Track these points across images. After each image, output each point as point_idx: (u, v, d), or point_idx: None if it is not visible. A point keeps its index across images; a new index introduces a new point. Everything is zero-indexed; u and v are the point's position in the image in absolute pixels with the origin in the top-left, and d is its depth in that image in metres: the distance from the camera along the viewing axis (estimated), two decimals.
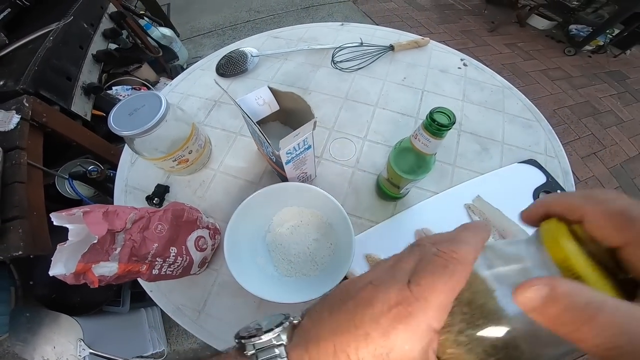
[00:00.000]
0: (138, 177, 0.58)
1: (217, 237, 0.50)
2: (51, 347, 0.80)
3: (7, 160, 0.61)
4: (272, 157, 0.42)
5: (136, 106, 0.43)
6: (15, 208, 0.58)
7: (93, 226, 0.32)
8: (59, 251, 0.33)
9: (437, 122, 0.32)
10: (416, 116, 0.62)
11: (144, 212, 0.38)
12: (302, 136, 0.37)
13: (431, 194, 0.53)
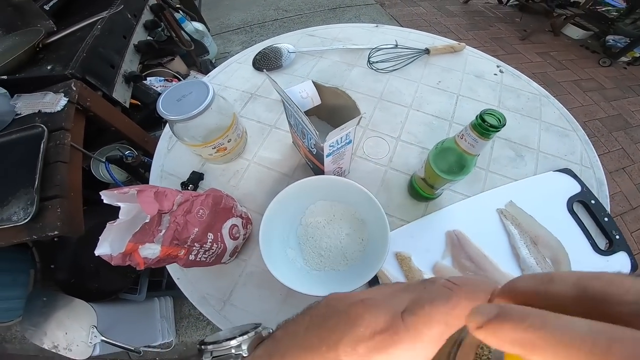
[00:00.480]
0: (174, 163, 0.60)
1: (248, 227, 0.51)
2: (63, 333, 0.81)
3: (51, 140, 0.63)
4: (313, 150, 0.43)
5: (184, 93, 0.45)
6: (56, 187, 0.60)
7: (146, 205, 0.33)
8: (108, 230, 0.33)
9: (488, 122, 0.32)
10: (450, 120, 0.62)
11: (188, 195, 0.39)
12: (346, 130, 0.38)
13: (463, 197, 0.52)
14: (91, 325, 0.81)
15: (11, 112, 0.66)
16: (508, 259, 0.47)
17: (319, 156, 0.42)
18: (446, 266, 0.47)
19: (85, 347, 0.79)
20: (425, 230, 0.49)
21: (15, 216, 0.56)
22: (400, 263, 0.47)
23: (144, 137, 0.89)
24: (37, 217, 0.56)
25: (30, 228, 0.56)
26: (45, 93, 0.67)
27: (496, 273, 0.45)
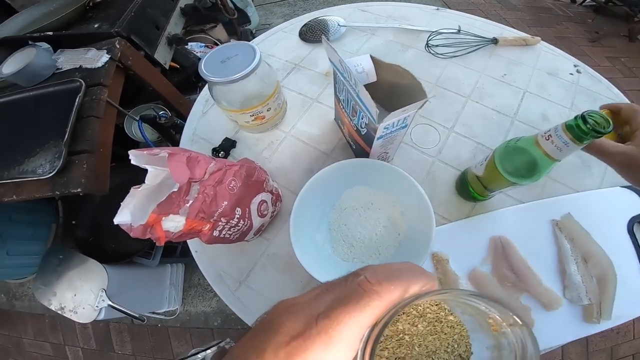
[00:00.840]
0: (207, 128, 0.57)
1: (277, 205, 0.48)
2: (72, 295, 0.80)
3: (88, 95, 0.62)
4: (363, 130, 0.38)
5: (229, 54, 0.42)
6: (86, 142, 0.58)
7: (177, 171, 0.28)
8: (131, 196, 0.30)
9: (590, 126, 0.26)
10: (513, 117, 0.54)
11: (222, 164, 0.36)
12: (407, 113, 0.33)
13: (515, 202, 0.47)
14: (101, 288, 0.80)
15: (52, 67, 0.67)
16: (553, 273, 0.43)
17: (368, 138, 0.38)
18: (484, 273, 0.43)
19: (91, 311, 0.79)
20: (468, 232, 0.45)
21: (41, 169, 0.55)
22: (436, 264, 0.44)
23: (179, 100, 0.89)
24: (62, 172, 0.54)
25: (54, 183, 0.54)
26: (88, 49, 0.67)
27: (537, 286, 0.42)
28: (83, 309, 0.79)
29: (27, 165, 0.56)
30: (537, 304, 0.41)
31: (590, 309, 0.41)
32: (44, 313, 1.34)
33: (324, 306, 0.14)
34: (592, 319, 0.40)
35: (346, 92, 0.39)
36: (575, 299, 0.41)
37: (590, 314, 0.40)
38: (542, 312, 0.41)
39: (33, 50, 0.65)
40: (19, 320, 1.45)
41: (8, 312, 1.46)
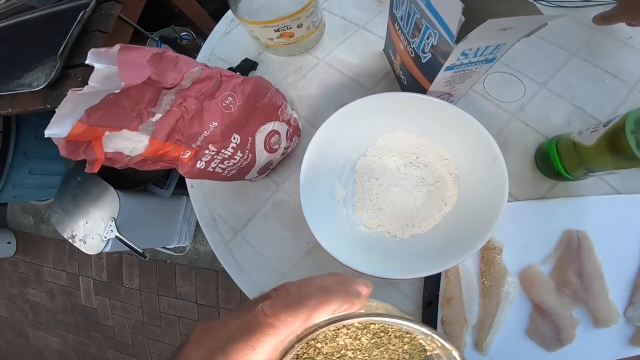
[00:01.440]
0: (227, 48, 0.49)
1: (294, 140, 0.38)
2: (84, 222, 0.80)
3: (98, 11, 0.59)
4: (425, 55, 0.26)
5: None
6: (85, 56, 0.55)
7: (126, 67, 0.20)
8: (70, 101, 0.21)
9: None
10: (634, 85, 0.40)
11: (216, 72, 0.26)
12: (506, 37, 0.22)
13: (612, 191, 0.35)
14: (111, 217, 0.78)
15: None
16: (624, 287, 0.34)
17: (432, 66, 0.26)
18: (542, 274, 0.34)
19: (99, 242, 0.78)
20: (538, 217, 0.35)
21: (36, 82, 0.54)
22: (483, 253, 0.34)
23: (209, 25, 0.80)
24: (55, 85, 0.53)
25: (46, 96, 0.53)
26: None
27: (601, 299, 0.33)
28: (92, 238, 0.78)
29: (24, 79, 0.56)
30: (589, 318, 0.33)
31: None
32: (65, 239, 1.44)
33: (227, 337, 0.13)
34: (639, 343, 0.33)
35: (408, 4, 0.27)
36: (635, 319, 0.33)
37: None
38: (590, 329, 0.33)
39: None
40: (43, 245, 1.54)
41: (34, 237, 1.55)
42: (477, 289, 0.34)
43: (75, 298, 1.43)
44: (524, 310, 0.34)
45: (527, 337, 0.33)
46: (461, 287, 0.33)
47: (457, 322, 0.33)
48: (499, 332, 0.33)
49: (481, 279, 0.34)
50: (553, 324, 0.33)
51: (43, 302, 1.51)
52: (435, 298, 0.33)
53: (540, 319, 0.33)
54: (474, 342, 0.33)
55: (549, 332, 0.33)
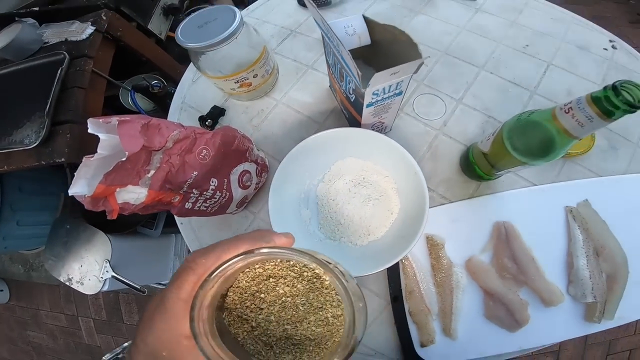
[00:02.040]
0: (196, 96, 0.55)
1: (263, 175, 0.45)
2: (78, 266, 0.81)
3: (72, 67, 0.63)
4: (351, 96, 0.34)
5: (208, 19, 0.39)
6: (69, 112, 0.59)
7: (126, 139, 0.26)
8: (85, 165, 0.28)
9: (624, 98, 0.21)
10: (533, 90, 0.49)
11: (190, 131, 0.33)
12: (398, 77, 0.29)
13: (527, 184, 0.43)
14: (105, 259, 0.80)
15: (38, 41, 0.69)
16: (558, 267, 0.39)
17: (357, 105, 0.33)
18: (483, 263, 0.39)
19: (96, 282, 0.80)
20: (469, 215, 0.41)
21: (28, 139, 0.56)
22: (430, 249, 0.40)
23: (177, 70, 0.86)
24: (47, 142, 0.55)
25: (39, 153, 0.56)
26: (72, 22, 0.68)
27: (539, 280, 0.38)
28: (89, 280, 0.80)
29: (15, 136, 0.58)
30: (536, 299, 0.38)
31: (593, 307, 0.37)
32: (59, 284, 1.41)
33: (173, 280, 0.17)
34: (593, 318, 0.37)
35: (333, 55, 0.34)
36: (579, 296, 0.38)
37: (592, 313, 0.37)
38: (541, 308, 0.38)
39: (18, 25, 0.67)
40: (36, 291, 1.52)
41: (26, 284, 1.54)
42: (432, 281, 0.39)
43: (77, 337, 1.42)
44: (477, 296, 0.38)
45: (487, 321, 0.37)
46: (418, 281, 0.39)
47: (421, 311, 0.37)
48: (461, 317, 0.38)
49: (433, 272, 0.39)
50: (505, 307, 0.37)
51: (45, 343, 1.50)
52: (399, 293, 0.38)
53: (492, 302, 0.38)
54: (442, 329, 0.37)
55: (504, 315, 0.37)
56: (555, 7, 0.62)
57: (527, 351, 0.37)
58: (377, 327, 0.38)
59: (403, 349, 0.37)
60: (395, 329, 0.37)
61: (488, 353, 0.37)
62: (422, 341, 0.37)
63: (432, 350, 0.37)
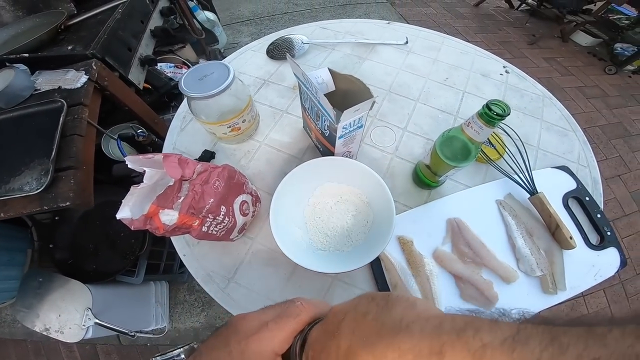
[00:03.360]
0: (186, 141, 0.62)
1: (257, 205, 0.53)
2: (56, 315, 0.79)
3: (69, 115, 0.65)
4: (326, 131, 0.45)
5: (206, 73, 0.48)
6: (70, 159, 0.61)
7: (171, 169, 0.34)
8: (131, 194, 0.35)
9: (494, 111, 0.34)
10: (455, 114, 0.64)
11: (207, 166, 0.41)
12: (360, 113, 0.40)
13: (464, 187, 0.55)
14: (86, 307, 0.80)
15: (30, 88, 0.68)
16: (505, 249, 0.49)
17: (331, 138, 0.44)
18: (446, 252, 0.49)
19: (78, 330, 0.79)
20: (427, 216, 0.52)
21: (28, 186, 0.56)
22: (403, 247, 0.50)
23: (154, 119, 0.92)
24: (49, 188, 0.56)
25: (42, 198, 0.56)
26: (67, 70, 0.69)
27: (493, 260, 0.47)
28: (69, 328, 0.78)
29: (13, 184, 0.57)
30: (497, 278, 0.46)
31: (544, 280, 0.45)
32: (26, 338, 1.28)
33: (271, 316, 0.23)
34: (549, 290, 0.44)
35: (310, 100, 0.45)
36: (528, 270, 0.45)
37: (546, 285, 0.45)
38: (503, 286, 0.45)
39: (11, 71, 0.66)
40: (2, 347, 1.36)
41: None
42: (410, 273, 0.47)
43: None
44: (450, 281, 0.45)
45: (464, 301, 0.43)
46: (398, 274, 0.46)
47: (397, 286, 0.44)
48: (442, 301, 0.44)
49: (409, 265, 0.47)
50: (474, 287, 0.43)
51: None
52: (386, 286, 0.45)
53: (463, 284, 0.44)
54: None
55: (475, 294, 0.43)
56: (462, 42, 0.80)
57: None
58: None
59: None
60: None
61: None
62: None
63: None
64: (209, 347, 0.23)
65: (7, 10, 0.82)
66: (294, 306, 0.23)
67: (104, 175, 0.85)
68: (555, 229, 0.49)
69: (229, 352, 0.21)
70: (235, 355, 0.21)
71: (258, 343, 0.21)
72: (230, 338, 0.22)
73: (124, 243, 0.92)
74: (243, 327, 0.23)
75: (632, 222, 1.46)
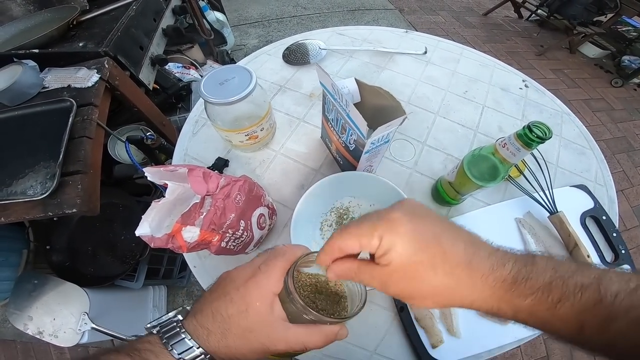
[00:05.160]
0: (198, 148, 0.60)
1: (273, 218, 0.51)
2: (51, 319, 0.77)
3: (79, 115, 0.61)
4: (351, 145, 0.43)
5: (227, 77, 0.46)
6: (78, 162, 0.58)
7: (196, 184, 0.32)
8: (151, 209, 0.32)
9: (535, 133, 0.33)
10: (475, 129, 0.63)
11: (229, 179, 0.39)
12: (390, 129, 0.38)
13: (484, 205, 0.54)
14: (82, 311, 0.78)
15: (38, 85, 0.65)
16: None
17: (356, 153, 0.43)
18: None
19: (73, 334, 0.77)
20: None
21: (32, 190, 0.53)
22: None
23: (162, 121, 0.90)
24: (55, 193, 0.53)
25: (46, 204, 0.53)
26: (79, 68, 0.67)
27: None
28: (64, 332, 0.76)
29: (15, 187, 0.54)
30: None
31: None
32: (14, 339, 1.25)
33: (261, 262, 0.25)
34: None
35: (336, 112, 0.44)
36: None
37: None
38: None
39: (19, 67, 0.63)
40: None
41: None
42: None
43: None
44: None
45: (480, 317, 0.43)
46: None
47: (426, 316, 0.43)
48: (460, 317, 0.43)
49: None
50: None
51: None
52: (404, 304, 0.44)
53: None
54: (447, 329, 0.43)
55: None
56: (481, 54, 0.79)
57: (523, 341, 0.43)
58: (390, 337, 0.43)
59: (417, 352, 0.42)
60: (406, 336, 0.43)
61: (490, 346, 0.43)
62: (432, 343, 0.42)
63: (443, 350, 0.42)
64: (208, 300, 0.24)
65: (18, 3, 0.80)
66: (278, 248, 0.26)
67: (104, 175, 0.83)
68: (573, 247, 0.49)
69: (230, 299, 0.23)
70: (237, 301, 0.23)
71: (256, 285, 0.23)
72: (227, 287, 0.24)
73: (124, 247, 0.90)
74: (237, 276, 0.24)
75: (633, 236, 1.46)
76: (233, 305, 0.22)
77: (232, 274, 0.25)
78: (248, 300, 0.22)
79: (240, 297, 0.23)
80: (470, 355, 0.42)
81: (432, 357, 0.42)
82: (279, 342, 0.22)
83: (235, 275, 0.25)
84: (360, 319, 0.44)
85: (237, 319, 0.22)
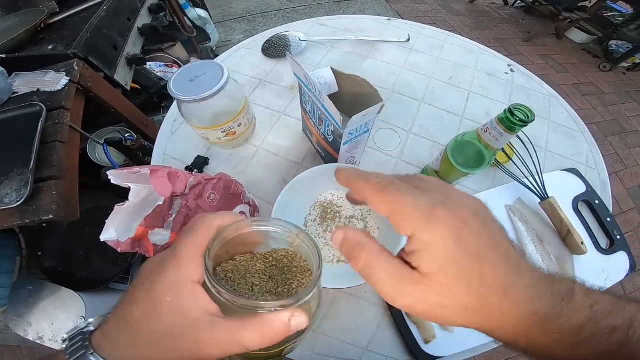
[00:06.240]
0: (178, 147, 0.58)
1: (256, 216, 0.50)
2: (49, 324, 0.78)
3: (50, 120, 0.60)
4: (330, 137, 0.42)
5: (197, 73, 0.43)
6: (52, 168, 0.57)
7: (159, 186, 0.30)
8: (115, 213, 0.31)
9: (516, 117, 0.32)
10: (462, 115, 0.61)
11: (200, 178, 0.37)
12: (367, 118, 0.37)
13: (473, 192, 0.52)
14: (79, 315, 0.78)
15: (7, 91, 0.64)
16: None
17: (335, 144, 0.41)
18: None
19: None
20: None
21: (7, 198, 0.53)
22: None
23: (143, 121, 0.87)
24: (30, 200, 0.52)
25: (22, 211, 0.53)
26: (46, 72, 0.65)
27: None
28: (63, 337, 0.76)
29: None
30: None
31: None
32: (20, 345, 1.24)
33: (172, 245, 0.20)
34: None
35: (312, 103, 0.42)
36: None
37: None
38: None
39: None
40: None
41: None
42: None
43: None
44: None
45: None
46: None
47: None
48: None
49: None
50: None
51: None
52: None
53: None
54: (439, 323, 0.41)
55: None
56: (466, 40, 0.78)
57: None
58: (382, 333, 0.42)
59: (410, 348, 0.41)
60: (398, 332, 0.42)
61: (485, 340, 0.41)
62: (424, 338, 0.41)
63: (436, 345, 0.41)
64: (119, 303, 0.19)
65: None
66: (192, 220, 0.21)
67: (92, 179, 0.81)
68: (566, 234, 0.48)
69: (134, 299, 0.18)
70: (142, 299, 0.18)
71: (163, 276, 0.18)
72: (135, 283, 0.19)
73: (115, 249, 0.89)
74: (146, 266, 0.20)
75: (629, 220, 1.46)
76: (138, 306, 0.18)
77: (145, 263, 0.20)
78: (154, 296, 0.17)
79: (146, 294, 0.18)
80: (464, 349, 0.41)
81: (425, 352, 0.41)
82: (208, 344, 0.17)
83: (144, 266, 0.20)
84: (349, 315, 0.43)
85: (146, 322, 0.17)
